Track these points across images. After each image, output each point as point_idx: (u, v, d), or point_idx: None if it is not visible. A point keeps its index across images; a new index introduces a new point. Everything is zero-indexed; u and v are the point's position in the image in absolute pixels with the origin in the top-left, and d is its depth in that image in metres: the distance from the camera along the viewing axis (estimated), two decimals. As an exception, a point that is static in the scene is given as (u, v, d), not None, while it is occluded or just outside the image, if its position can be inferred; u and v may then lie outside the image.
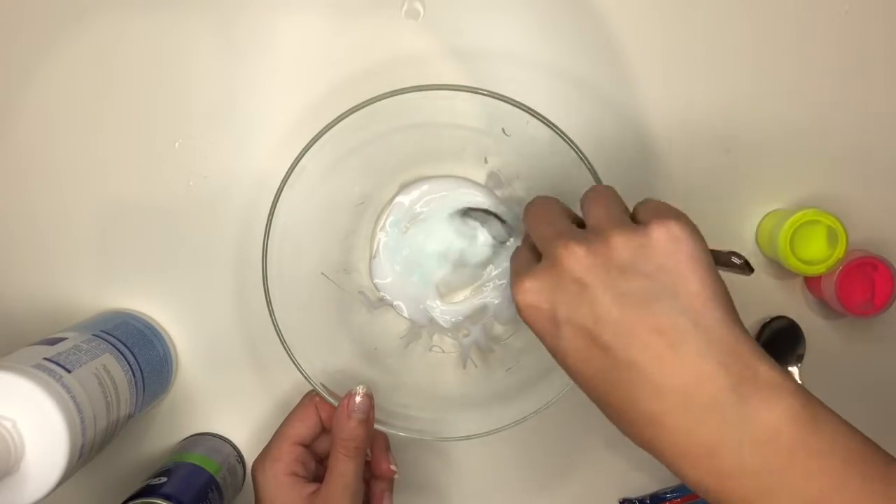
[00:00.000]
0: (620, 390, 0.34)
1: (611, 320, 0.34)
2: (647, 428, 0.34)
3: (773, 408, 0.32)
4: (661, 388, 0.33)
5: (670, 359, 0.33)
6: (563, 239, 0.36)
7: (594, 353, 0.34)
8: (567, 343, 0.35)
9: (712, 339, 0.33)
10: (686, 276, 0.34)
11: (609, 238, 0.35)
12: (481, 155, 0.54)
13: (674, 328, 0.33)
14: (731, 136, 0.57)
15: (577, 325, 0.35)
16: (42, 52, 0.56)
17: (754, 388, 0.32)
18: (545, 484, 0.59)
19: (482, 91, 0.47)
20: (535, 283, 0.36)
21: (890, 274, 0.54)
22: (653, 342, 0.33)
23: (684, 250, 0.34)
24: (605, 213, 0.37)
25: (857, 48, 0.57)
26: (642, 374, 0.33)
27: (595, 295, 0.34)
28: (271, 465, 0.46)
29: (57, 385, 0.42)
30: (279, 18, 0.56)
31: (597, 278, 0.34)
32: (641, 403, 0.33)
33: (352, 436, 0.45)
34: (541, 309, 0.36)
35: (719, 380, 0.32)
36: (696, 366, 0.33)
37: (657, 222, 0.35)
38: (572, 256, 0.35)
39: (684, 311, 0.33)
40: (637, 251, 0.35)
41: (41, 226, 0.57)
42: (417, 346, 0.56)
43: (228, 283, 0.57)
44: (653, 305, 0.34)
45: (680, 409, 0.33)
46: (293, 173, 0.47)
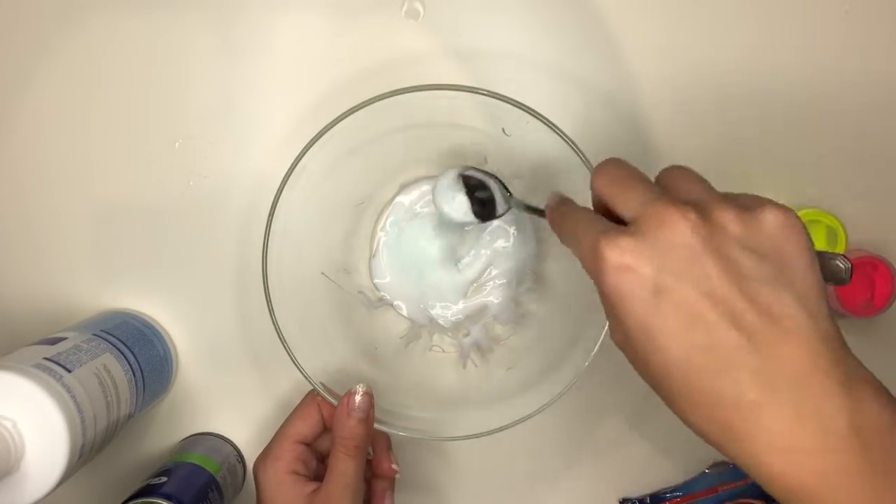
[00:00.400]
0: (717, 374, 0.31)
1: (725, 297, 0.31)
2: (739, 419, 0.31)
3: (876, 403, 0.31)
4: (770, 375, 0.31)
5: (783, 346, 0.31)
6: (665, 202, 0.33)
7: (696, 328, 0.31)
8: (665, 315, 0.32)
9: (824, 333, 0.31)
10: (801, 264, 0.32)
11: (723, 210, 0.32)
12: (481, 155, 0.54)
13: (789, 314, 0.31)
14: (730, 137, 0.57)
15: (682, 296, 0.31)
16: (40, 52, 0.56)
17: (857, 383, 0.31)
18: (546, 483, 0.59)
19: (482, 91, 0.47)
20: (634, 242, 0.32)
21: (890, 274, 0.54)
22: (765, 325, 0.31)
23: (799, 239, 0.32)
24: (703, 188, 0.35)
25: (858, 48, 0.57)
26: (751, 357, 0.31)
27: (708, 266, 0.31)
28: (272, 463, 0.46)
29: (57, 385, 0.42)
30: (278, 18, 0.56)
31: (712, 248, 0.31)
32: (743, 389, 0.31)
33: (352, 434, 0.45)
34: (639, 273, 0.32)
35: (832, 371, 0.31)
36: (807, 356, 0.31)
37: (769, 206, 0.33)
38: (686, 219, 0.32)
39: (798, 300, 0.31)
40: (750, 230, 0.32)
41: (41, 226, 0.57)
42: (417, 346, 0.56)
43: (229, 282, 0.57)
44: (766, 288, 0.31)
45: (784, 399, 0.30)
46: (293, 173, 0.47)
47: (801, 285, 0.32)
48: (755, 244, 0.32)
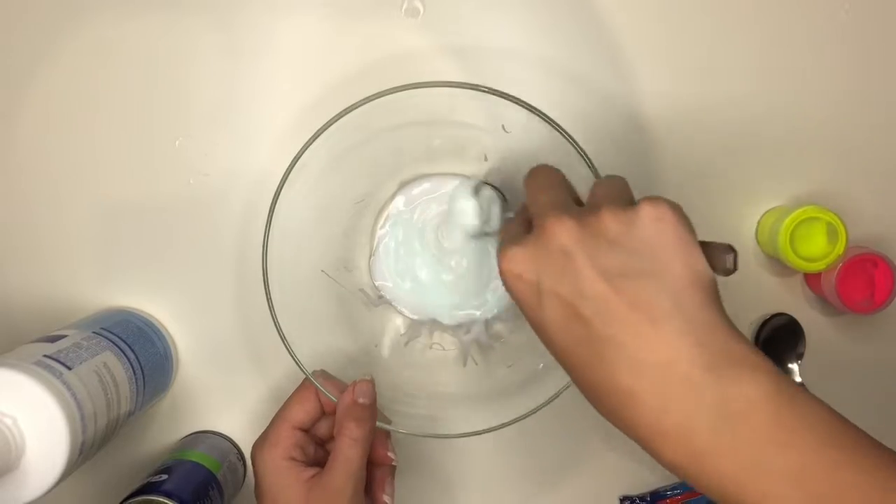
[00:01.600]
0: (598, 364, 0.34)
1: (593, 293, 0.34)
2: (623, 405, 0.34)
3: (747, 385, 0.32)
4: (639, 364, 0.33)
5: (649, 335, 0.33)
6: (557, 210, 0.36)
7: (575, 325, 0.34)
8: (548, 314, 0.35)
9: (691, 320, 0.33)
10: (671, 256, 0.34)
11: (600, 211, 0.35)
12: (481, 152, 0.54)
13: (655, 306, 0.33)
14: (730, 133, 0.57)
15: (559, 296, 0.35)
16: (42, 50, 0.56)
17: (729, 366, 0.32)
18: (546, 481, 0.59)
19: (482, 88, 0.47)
20: (522, 252, 0.36)
21: (890, 271, 0.54)
22: (633, 318, 0.33)
23: (671, 231, 0.35)
24: (604, 192, 0.38)
25: (858, 46, 0.57)
26: (621, 348, 0.33)
27: (580, 267, 0.34)
28: (270, 449, 0.45)
29: (57, 382, 0.42)
30: (279, 17, 0.56)
31: (583, 250, 0.35)
32: (619, 378, 0.33)
33: (357, 417, 0.45)
34: (525, 278, 0.36)
35: (696, 358, 0.32)
36: (674, 344, 0.33)
37: (648, 202, 0.35)
38: (562, 226, 0.35)
39: (666, 291, 0.33)
40: (625, 227, 0.35)
41: (42, 224, 0.57)
42: (418, 344, 0.56)
43: (229, 280, 0.57)
44: (636, 281, 0.34)
45: (657, 386, 0.33)
46: (293, 170, 0.47)
47: (671, 276, 0.34)
48: (628, 241, 0.34)
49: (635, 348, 0.33)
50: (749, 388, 0.32)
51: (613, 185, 0.38)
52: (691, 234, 0.35)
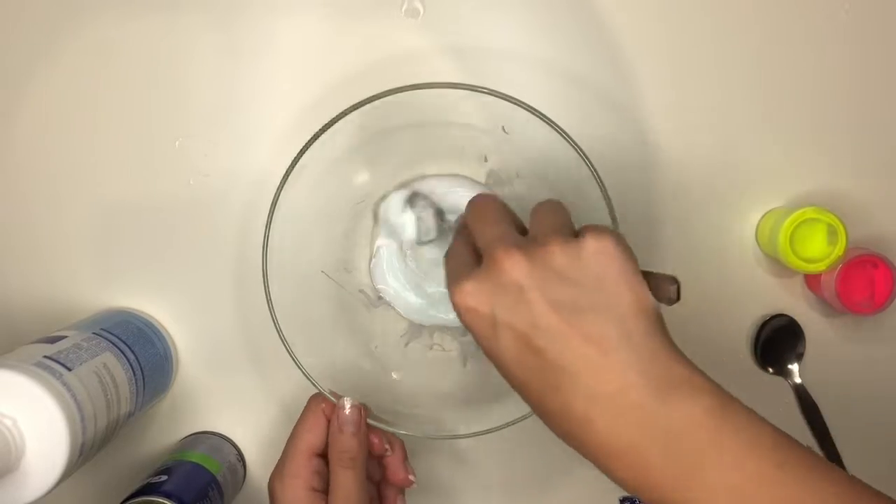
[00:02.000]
0: (554, 393, 0.36)
1: (546, 326, 0.35)
2: (579, 429, 0.35)
3: (688, 405, 0.34)
4: (592, 393, 0.35)
5: (601, 365, 0.35)
6: (505, 243, 0.37)
7: (530, 356, 0.36)
8: (504, 345, 0.37)
9: (638, 349, 0.35)
10: (617, 288, 0.36)
11: (547, 245, 0.37)
12: (481, 153, 0.54)
13: (605, 337, 0.35)
14: (730, 134, 0.57)
15: (514, 328, 0.36)
16: (42, 50, 0.56)
17: (672, 388, 0.34)
18: (546, 482, 0.59)
19: (482, 89, 0.47)
20: (475, 286, 0.37)
21: (890, 272, 0.54)
22: (585, 349, 0.35)
23: (615, 263, 0.36)
24: (549, 222, 0.39)
25: (857, 47, 0.57)
26: (575, 378, 0.35)
27: (532, 300, 0.36)
28: (290, 481, 0.45)
29: (57, 383, 0.42)
30: (279, 17, 0.56)
31: (534, 284, 0.36)
32: (574, 406, 0.35)
33: (345, 448, 0.45)
34: (480, 312, 0.37)
35: (641, 385, 0.34)
36: (623, 373, 0.34)
37: (592, 235, 0.37)
38: (512, 260, 0.36)
39: (614, 322, 0.35)
40: (572, 260, 0.36)
41: (42, 224, 0.57)
42: (418, 345, 0.56)
43: (229, 281, 0.57)
44: (586, 314, 0.35)
45: (609, 413, 0.34)
46: (293, 172, 0.47)
47: (618, 307, 0.36)
48: (576, 273, 0.36)
49: (588, 378, 0.35)
50: (690, 408, 0.34)
51: (555, 214, 0.40)
52: (634, 264, 0.37)
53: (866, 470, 0.55)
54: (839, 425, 0.57)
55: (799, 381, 0.57)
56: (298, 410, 0.49)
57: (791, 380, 0.58)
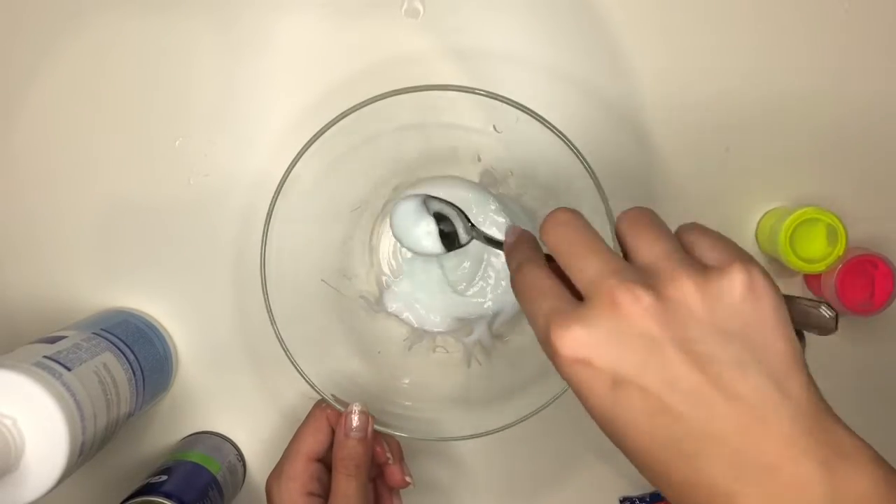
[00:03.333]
0: (690, 464, 0.30)
1: (688, 387, 0.29)
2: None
3: (861, 479, 0.29)
4: (743, 465, 0.29)
5: (757, 433, 0.29)
6: (622, 278, 0.30)
7: (662, 421, 0.30)
8: (626, 408, 0.30)
9: (799, 408, 0.29)
10: (769, 335, 0.30)
11: (681, 284, 0.30)
12: (474, 153, 0.54)
13: (760, 397, 0.29)
14: (730, 135, 0.57)
15: (643, 388, 0.30)
16: (42, 51, 0.56)
17: (840, 459, 0.29)
18: (547, 481, 0.59)
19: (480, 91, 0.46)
20: (588, 333, 0.30)
21: (890, 272, 0.54)
22: (735, 412, 0.29)
23: (767, 304, 0.30)
24: (662, 249, 0.32)
25: (858, 46, 0.57)
26: (722, 447, 0.29)
27: (669, 354, 0.29)
28: (287, 484, 0.45)
29: (57, 383, 0.42)
30: (279, 17, 0.56)
31: (670, 333, 0.29)
32: (717, 481, 0.29)
33: (351, 455, 0.45)
34: (595, 366, 0.30)
35: (809, 452, 0.29)
36: (783, 438, 0.29)
37: (737, 267, 0.30)
38: (638, 304, 0.30)
39: (768, 377, 0.29)
40: (714, 302, 0.30)
41: (41, 224, 0.57)
42: (421, 348, 0.56)
43: (229, 281, 0.57)
44: (735, 369, 0.29)
45: (761, 489, 0.29)
46: (289, 178, 0.47)
47: (772, 359, 0.30)
48: (719, 321, 0.30)
49: (740, 448, 0.29)
50: (863, 483, 0.29)
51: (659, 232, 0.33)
52: (782, 299, 0.31)
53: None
54: (839, 425, 0.57)
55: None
56: (298, 410, 0.49)
57: (791, 380, 0.57)
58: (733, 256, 0.31)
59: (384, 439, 0.49)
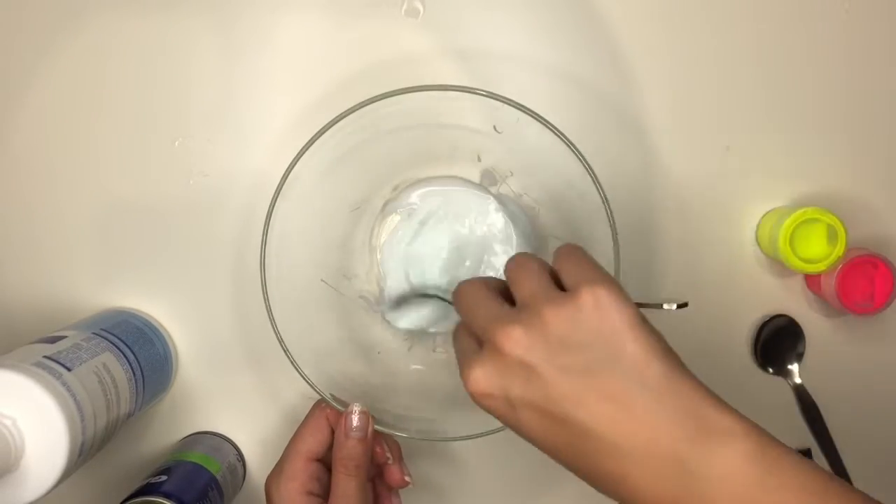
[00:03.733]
0: (584, 457, 0.35)
1: (561, 395, 0.35)
2: (614, 487, 0.35)
3: (727, 453, 0.33)
4: (620, 451, 0.34)
5: (624, 422, 0.34)
6: (499, 323, 0.37)
7: (553, 427, 0.36)
8: (526, 421, 0.37)
9: (661, 395, 0.34)
10: (622, 338, 0.35)
11: (542, 314, 0.36)
12: (474, 153, 0.54)
13: (622, 391, 0.34)
14: (730, 134, 0.57)
15: (530, 404, 0.36)
16: (42, 51, 0.56)
17: (707, 436, 0.33)
18: (547, 482, 0.59)
19: (480, 91, 0.46)
20: (482, 372, 0.37)
21: (890, 272, 0.54)
22: (605, 409, 0.34)
23: (614, 314, 0.35)
24: (533, 286, 0.38)
25: (858, 47, 0.57)
26: (601, 440, 0.34)
27: (541, 373, 0.35)
28: (286, 483, 0.45)
29: (57, 383, 0.42)
30: (279, 17, 0.56)
31: (539, 357, 0.35)
32: (605, 466, 0.35)
33: (351, 454, 0.45)
34: (494, 396, 0.37)
35: (673, 433, 0.34)
36: (649, 424, 0.34)
37: (583, 290, 0.36)
38: (511, 340, 0.36)
39: (628, 373, 0.34)
40: (571, 323, 0.35)
41: (41, 224, 0.57)
42: (420, 348, 0.55)
43: (229, 281, 0.57)
44: (598, 373, 0.35)
45: (640, 468, 0.34)
46: (289, 178, 0.47)
47: (629, 358, 0.35)
48: (577, 335, 0.35)
49: (614, 437, 0.34)
50: (729, 456, 0.33)
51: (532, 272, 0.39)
52: (632, 308, 0.36)
53: (866, 470, 0.55)
54: (839, 425, 0.57)
55: (799, 381, 0.57)
56: (298, 410, 0.49)
57: (791, 380, 0.58)
58: (581, 279, 0.37)
59: (383, 439, 0.49)
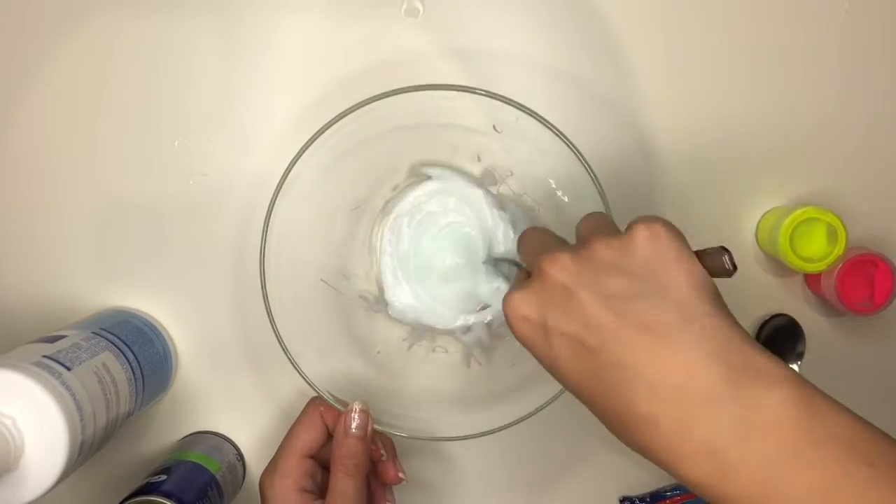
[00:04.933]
0: (613, 393, 0.33)
1: (599, 322, 0.34)
2: (643, 431, 0.33)
3: (771, 396, 0.31)
4: (654, 386, 0.32)
5: (661, 355, 0.32)
6: (550, 251, 0.37)
7: (585, 357, 0.34)
8: (558, 350, 0.35)
9: (703, 332, 0.32)
10: (670, 270, 0.34)
11: (593, 243, 0.36)
12: (474, 153, 0.54)
13: (662, 324, 0.33)
14: (731, 134, 0.57)
15: (566, 331, 0.35)
16: (42, 51, 0.56)
17: (749, 377, 0.31)
18: (546, 482, 0.59)
19: (479, 91, 0.46)
20: (524, 295, 0.37)
21: (890, 272, 0.54)
22: (642, 340, 0.33)
23: (666, 245, 0.34)
24: (593, 226, 0.39)
25: (858, 47, 0.57)
26: (634, 373, 0.33)
27: (582, 300, 0.34)
28: (280, 480, 0.45)
29: (56, 383, 0.42)
30: (279, 17, 0.56)
31: (582, 282, 0.35)
32: (636, 405, 0.33)
33: (350, 453, 0.45)
34: (530, 320, 0.36)
35: (713, 371, 0.31)
36: (688, 359, 0.32)
37: (640, 223, 0.35)
38: (557, 264, 0.36)
39: (672, 306, 0.33)
40: (620, 252, 0.35)
41: (41, 224, 0.57)
42: (420, 348, 0.55)
43: (229, 281, 0.57)
44: (639, 303, 0.33)
45: (675, 407, 0.32)
46: (288, 178, 0.47)
47: (676, 292, 0.33)
48: (626, 265, 0.35)
49: (650, 372, 0.32)
50: (773, 401, 0.31)
51: (597, 219, 0.40)
52: (685, 244, 0.35)
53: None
54: (839, 425, 0.57)
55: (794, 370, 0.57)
56: (298, 409, 0.49)
57: (791, 380, 0.58)
58: (639, 218, 0.36)
59: (378, 436, 0.49)
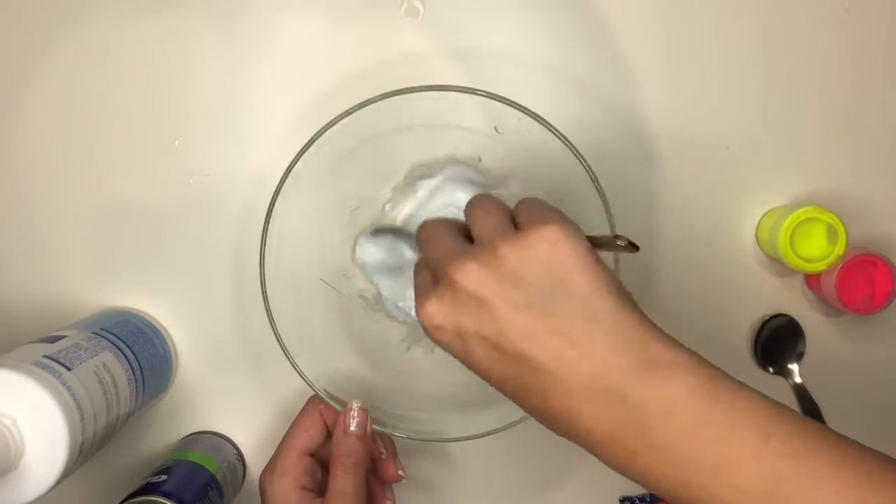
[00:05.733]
0: (533, 392, 0.36)
1: (511, 329, 0.36)
2: (564, 422, 0.36)
3: (670, 385, 0.33)
4: (567, 384, 0.35)
5: (571, 356, 0.35)
6: (455, 258, 0.38)
7: (503, 361, 0.36)
8: (476, 355, 0.37)
9: (607, 329, 0.35)
10: (571, 272, 0.36)
11: (496, 250, 0.37)
12: (475, 153, 0.54)
13: (570, 326, 0.35)
14: (730, 134, 0.57)
15: (481, 338, 0.37)
16: (42, 50, 0.56)
17: (650, 368, 0.34)
18: (545, 482, 0.59)
19: (480, 91, 0.46)
20: (437, 305, 0.38)
21: (890, 271, 0.54)
22: (553, 342, 0.35)
23: (565, 250, 0.36)
24: (490, 224, 0.39)
25: (858, 46, 0.57)
26: (549, 374, 0.35)
27: (493, 308, 0.36)
28: (280, 478, 0.45)
29: (57, 383, 0.42)
30: (279, 17, 0.56)
31: (491, 292, 0.36)
32: (554, 400, 0.35)
33: (349, 451, 0.45)
34: (446, 329, 0.38)
35: (619, 366, 0.34)
36: (595, 357, 0.34)
37: (535, 228, 0.37)
38: (465, 274, 0.37)
39: (576, 307, 0.35)
40: (523, 259, 0.36)
41: (41, 224, 0.57)
42: (419, 349, 0.55)
43: (229, 281, 0.57)
44: (547, 308, 0.35)
45: (587, 400, 0.34)
46: (288, 178, 0.47)
47: (578, 293, 0.35)
48: (529, 270, 0.36)
49: (561, 370, 0.35)
50: (672, 388, 0.33)
51: (491, 212, 0.40)
52: (583, 244, 0.37)
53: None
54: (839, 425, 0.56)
55: (799, 380, 0.57)
56: (297, 409, 0.49)
57: (791, 380, 0.58)
58: (535, 218, 0.37)
59: (377, 434, 0.49)
